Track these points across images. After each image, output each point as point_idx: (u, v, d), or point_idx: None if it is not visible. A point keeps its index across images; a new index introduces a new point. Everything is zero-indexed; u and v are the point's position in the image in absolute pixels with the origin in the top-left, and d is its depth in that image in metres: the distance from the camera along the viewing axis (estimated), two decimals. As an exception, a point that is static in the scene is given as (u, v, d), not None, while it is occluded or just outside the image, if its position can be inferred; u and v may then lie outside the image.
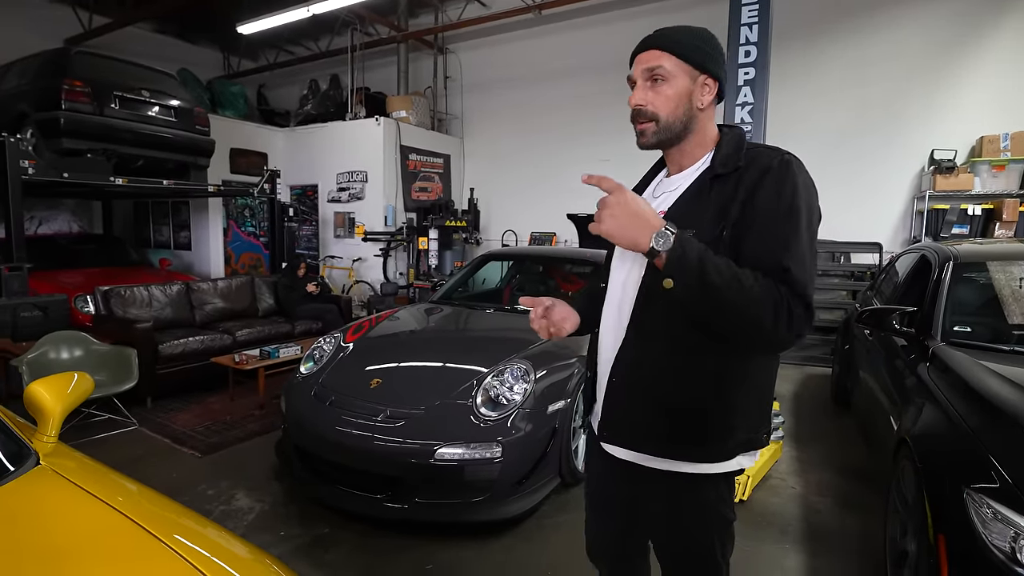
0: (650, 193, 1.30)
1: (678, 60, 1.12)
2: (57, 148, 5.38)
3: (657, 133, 1.15)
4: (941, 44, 5.95)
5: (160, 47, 9.54)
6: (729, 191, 1.09)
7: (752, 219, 1.05)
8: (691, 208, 1.13)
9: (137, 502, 1.50)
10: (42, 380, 1.73)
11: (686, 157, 1.20)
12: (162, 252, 8.50)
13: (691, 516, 1.22)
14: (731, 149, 1.14)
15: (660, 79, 1.13)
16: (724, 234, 1.06)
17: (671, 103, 1.13)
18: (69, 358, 3.83)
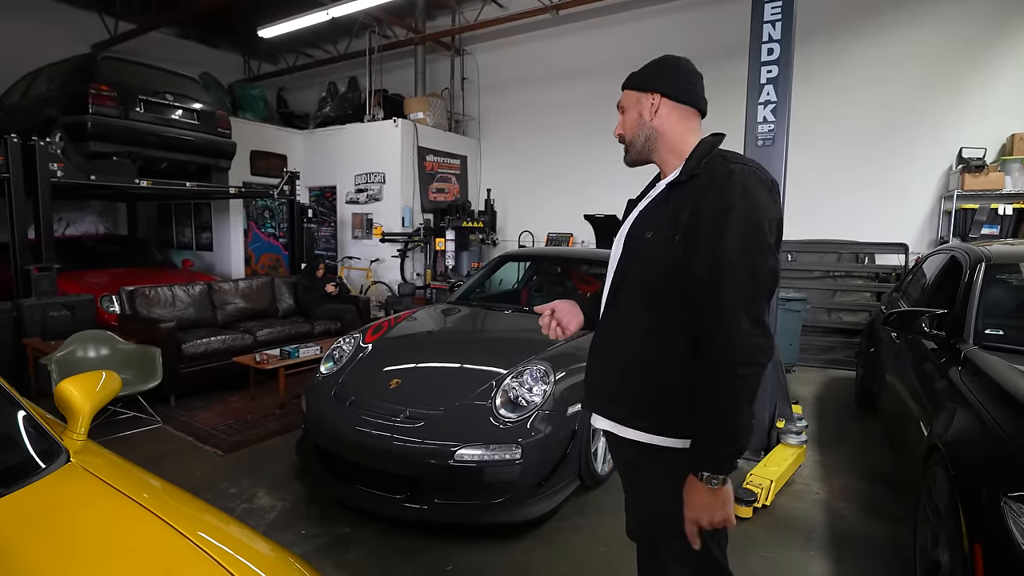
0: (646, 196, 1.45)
1: (629, 91, 1.37)
2: (84, 151, 5.51)
3: (628, 151, 1.38)
4: (967, 41, 5.79)
5: (183, 51, 9.72)
6: (682, 198, 1.23)
7: (696, 224, 1.17)
8: (652, 214, 1.31)
9: (163, 499, 1.52)
10: (71, 379, 1.77)
11: (665, 166, 1.36)
12: (185, 253, 8.66)
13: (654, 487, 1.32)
14: (695, 160, 1.25)
15: (621, 110, 1.38)
16: (676, 239, 1.20)
17: (629, 125, 1.36)
18: (96, 356, 3.91)
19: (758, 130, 3.35)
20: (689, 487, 1.16)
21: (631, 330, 1.29)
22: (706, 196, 1.17)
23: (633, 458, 1.36)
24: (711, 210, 1.15)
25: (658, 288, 1.24)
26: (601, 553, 2.45)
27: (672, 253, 1.20)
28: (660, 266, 1.23)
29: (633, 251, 1.31)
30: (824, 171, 6.40)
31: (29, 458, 1.46)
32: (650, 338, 1.26)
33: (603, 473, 3.07)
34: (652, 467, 1.30)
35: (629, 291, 1.30)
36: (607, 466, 3.13)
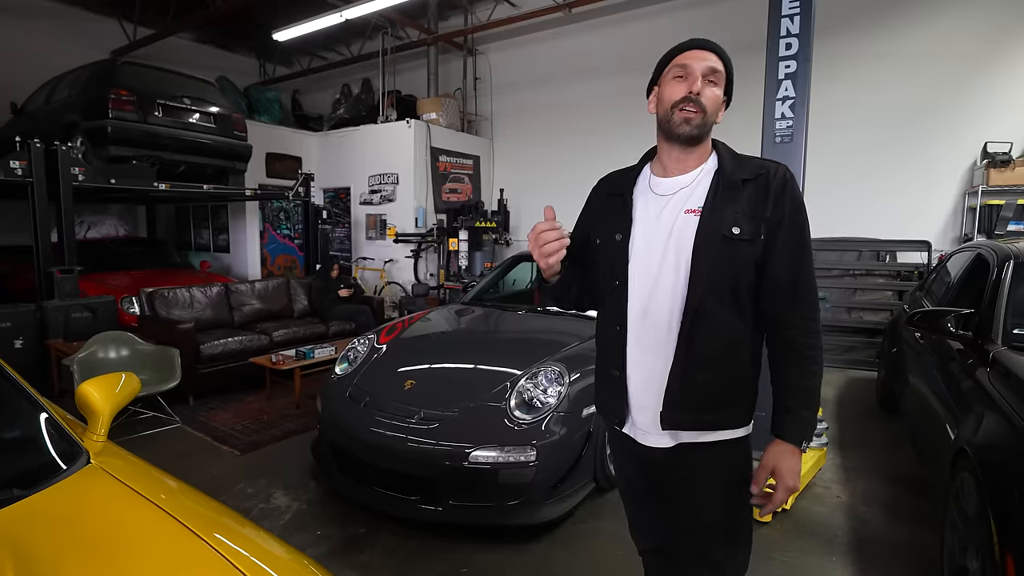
0: (646, 189, 1.34)
1: (725, 75, 1.26)
2: (104, 155, 5.61)
3: (700, 126, 1.23)
4: (991, 31, 5.64)
5: (200, 56, 9.86)
6: (758, 195, 1.23)
7: (780, 224, 1.22)
8: (727, 205, 1.23)
9: (180, 501, 1.52)
10: (92, 380, 1.79)
11: (693, 159, 1.29)
12: (202, 254, 8.78)
13: (735, 478, 1.32)
14: (732, 157, 1.29)
15: (715, 82, 1.24)
16: (761, 236, 1.22)
17: (715, 104, 1.25)
18: (116, 357, 3.97)
19: (776, 127, 3.29)
20: (789, 457, 1.24)
21: (722, 332, 1.24)
22: (784, 197, 1.23)
23: (702, 463, 1.31)
24: (793, 212, 1.23)
25: (742, 285, 1.24)
26: (619, 557, 2.42)
27: (753, 250, 1.22)
28: (745, 263, 1.22)
29: (714, 248, 1.21)
30: (843, 167, 6.28)
31: (51, 460, 1.48)
32: (740, 338, 1.26)
33: (618, 475, 3.04)
34: (724, 463, 1.31)
35: (714, 292, 1.22)
36: (623, 468, 3.10)
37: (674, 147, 1.28)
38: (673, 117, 1.23)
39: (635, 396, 1.33)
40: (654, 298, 1.27)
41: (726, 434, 1.29)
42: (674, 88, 1.24)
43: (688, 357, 1.24)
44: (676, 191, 1.29)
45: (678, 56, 1.26)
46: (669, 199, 1.29)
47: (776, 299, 1.24)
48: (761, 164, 1.26)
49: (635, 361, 1.31)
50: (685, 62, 1.24)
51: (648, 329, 1.29)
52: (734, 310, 1.24)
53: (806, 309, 1.25)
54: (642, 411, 1.32)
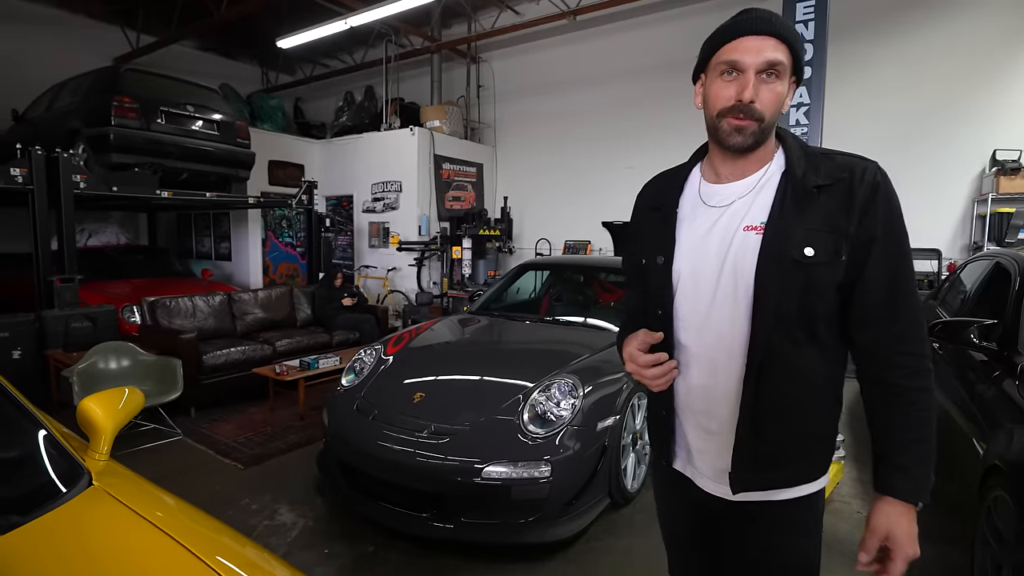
0: (696, 198, 1.13)
1: (789, 55, 1.00)
2: (107, 163, 5.56)
3: (756, 135, 1.01)
4: (1002, 39, 5.62)
5: (203, 63, 9.85)
6: (838, 204, 1.00)
7: (872, 240, 1.00)
8: (797, 221, 1.00)
9: (186, 525, 1.46)
10: (94, 396, 1.72)
11: (752, 163, 1.07)
12: (204, 263, 8.72)
13: (803, 536, 1.15)
14: (803, 154, 1.06)
15: (775, 76, 0.99)
16: (843, 257, 1.00)
17: (776, 104, 1.01)
18: (117, 368, 3.90)
19: (790, 134, 3.25)
20: (904, 519, 1.02)
21: (793, 373, 1.04)
22: (876, 206, 1.00)
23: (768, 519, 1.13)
24: (889, 223, 1.01)
25: (818, 315, 1.02)
26: (634, 575, 2.34)
27: (833, 273, 1.00)
28: (821, 289, 1.01)
29: (783, 274, 1.00)
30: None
31: (51, 482, 1.41)
32: (820, 380, 1.06)
33: (633, 490, 2.97)
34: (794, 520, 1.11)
35: (783, 325, 1.02)
36: (637, 483, 3.02)
37: (727, 154, 1.07)
38: (722, 125, 1.03)
39: (690, 439, 1.17)
40: (706, 334, 1.08)
41: (801, 490, 1.10)
42: (721, 89, 1.01)
43: (756, 408, 1.04)
44: (731, 202, 1.07)
45: (727, 45, 1.00)
46: (723, 212, 1.07)
47: (872, 331, 1.02)
48: (844, 164, 1.02)
49: (686, 404, 1.14)
50: (734, 56, 0.99)
51: (699, 370, 1.10)
52: (810, 348, 1.03)
53: (912, 345, 1.01)
54: (702, 456, 1.16)
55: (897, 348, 1.01)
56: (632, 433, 2.96)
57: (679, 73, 7.54)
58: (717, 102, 1.02)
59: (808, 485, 1.10)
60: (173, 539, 1.29)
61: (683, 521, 1.29)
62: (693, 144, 1.20)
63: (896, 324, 1.01)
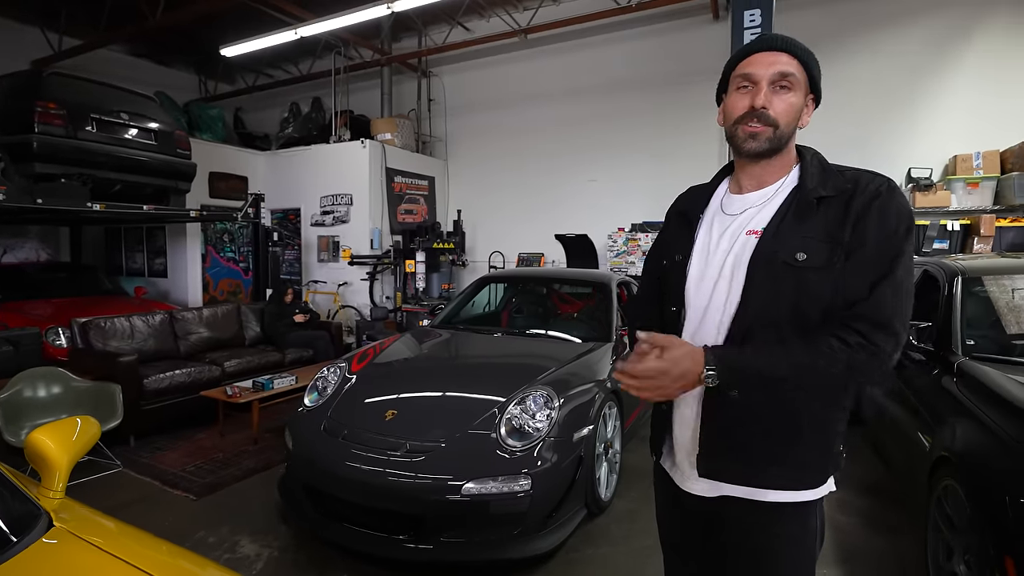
0: (717, 207, 1.22)
1: (803, 71, 1.09)
2: (28, 172, 5.11)
3: (771, 140, 1.09)
4: (914, 67, 6.20)
5: (133, 70, 9.28)
6: (836, 215, 1.06)
7: (862, 245, 1.03)
8: (795, 228, 1.07)
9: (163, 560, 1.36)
10: (44, 428, 1.58)
11: (770, 174, 1.15)
12: (136, 280, 8.14)
13: (795, 547, 1.14)
14: (820, 169, 1.12)
15: (787, 87, 1.08)
16: (837, 263, 1.03)
17: (790, 114, 1.09)
18: (47, 396, 3.56)
19: (741, 151, 3.44)
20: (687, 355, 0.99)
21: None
22: (870, 214, 1.03)
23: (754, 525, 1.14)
24: (881, 231, 1.02)
25: (808, 321, 1.04)
26: (617, 585, 2.36)
27: (827, 279, 1.03)
28: (813, 294, 1.04)
29: (771, 276, 1.06)
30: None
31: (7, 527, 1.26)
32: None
33: (606, 499, 3.00)
34: (781, 530, 1.12)
35: (766, 326, 1.06)
36: (609, 491, 3.06)
37: (746, 163, 1.15)
38: (738, 132, 1.10)
39: (676, 432, 1.22)
40: (701, 327, 1.15)
41: (784, 495, 1.10)
42: (737, 101, 1.10)
43: (723, 397, 1.07)
44: (745, 210, 1.15)
45: (742, 62, 1.10)
46: (735, 219, 1.15)
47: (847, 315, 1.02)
48: (853, 176, 1.08)
49: (680, 399, 1.18)
50: (749, 70, 1.09)
51: None
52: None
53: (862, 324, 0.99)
54: (681, 450, 1.22)
55: (850, 325, 0.99)
56: (604, 442, 3.00)
57: (628, 92, 7.90)
58: (734, 112, 1.11)
59: (795, 492, 1.10)
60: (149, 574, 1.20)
61: (675, 525, 1.33)
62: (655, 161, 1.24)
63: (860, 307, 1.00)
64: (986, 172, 5.83)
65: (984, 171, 5.84)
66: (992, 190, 5.86)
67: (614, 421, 3.17)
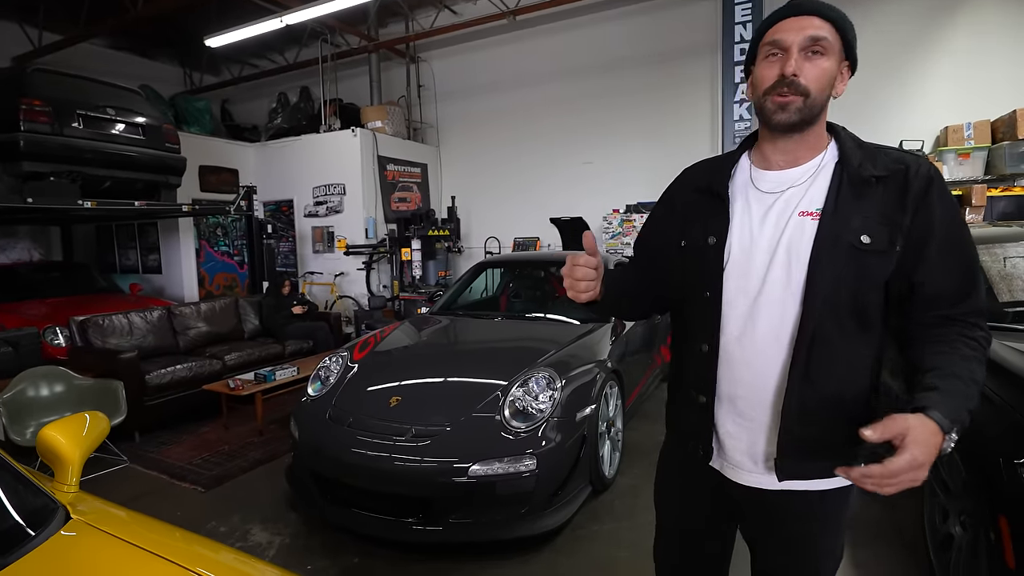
0: (747, 184, 1.12)
1: (836, 35, 1.02)
2: (17, 172, 5.05)
3: (802, 110, 1.01)
4: (905, 38, 6.18)
5: (116, 63, 9.13)
6: (893, 197, 1.01)
7: (930, 232, 0.99)
8: (854, 208, 1.01)
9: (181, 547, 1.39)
10: (54, 425, 1.61)
11: (805, 149, 1.07)
12: (131, 277, 8.11)
13: (834, 524, 1.15)
14: (858, 147, 1.06)
15: (820, 52, 1.00)
16: (898, 247, 1.00)
17: (823, 80, 1.01)
18: (49, 395, 3.57)
19: (735, 128, 3.44)
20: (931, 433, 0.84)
21: (842, 361, 1.03)
22: (931, 200, 0.99)
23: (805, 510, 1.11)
24: (946, 216, 1.00)
25: (867, 305, 1.01)
26: (623, 559, 2.42)
27: (887, 263, 1.00)
28: (874, 278, 1.00)
29: (837, 260, 1.00)
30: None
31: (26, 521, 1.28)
32: (864, 370, 1.05)
33: (609, 476, 3.05)
34: (829, 510, 1.11)
35: (834, 313, 1.01)
36: (612, 469, 3.11)
37: (777, 137, 1.07)
38: (767, 104, 1.02)
39: (726, 428, 1.13)
40: (755, 317, 1.06)
41: (835, 482, 1.08)
42: (766, 70, 1.02)
43: (803, 392, 1.02)
44: (785, 188, 1.06)
45: (771, 29, 1.03)
46: (777, 197, 1.07)
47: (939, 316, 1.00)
48: (899, 157, 1.03)
49: (728, 390, 1.11)
50: (777, 36, 1.01)
51: (747, 354, 1.08)
52: (858, 337, 1.03)
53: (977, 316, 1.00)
54: (736, 446, 1.13)
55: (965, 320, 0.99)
56: (606, 421, 3.05)
57: (619, 71, 7.83)
58: (763, 83, 1.03)
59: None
60: (171, 562, 1.23)
61: (699, 510, 1.26)
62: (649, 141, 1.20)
63: (966, 305, 0.99)
64: (977, 142, 5.85)
65: (975, 141, 5.86)
66: (983, 160, 5.88)
67: (615, 400, 3.22)
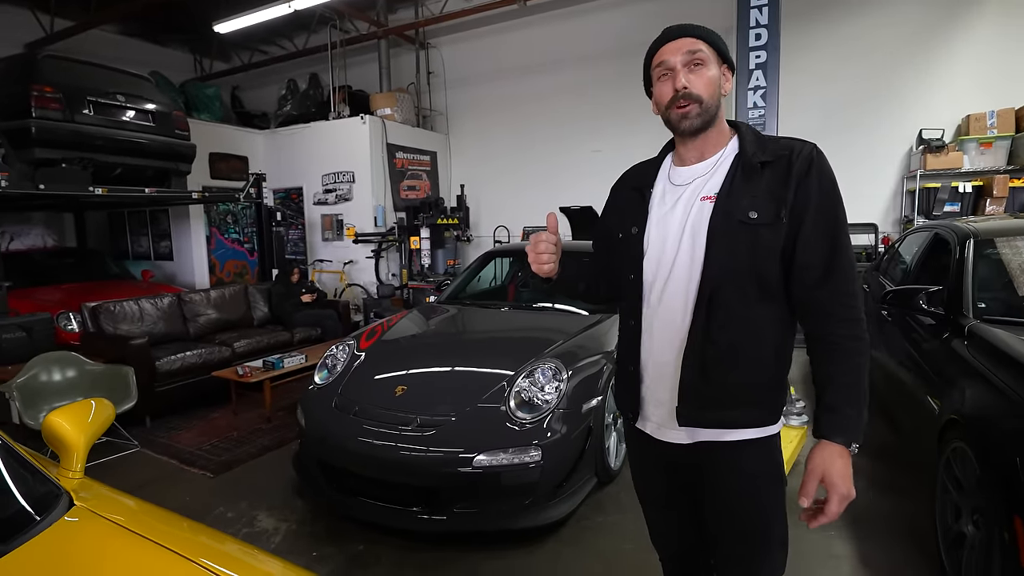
0: (666, 180, 1.32)
1: (710, 48, 1.21)
2: (29, 158, 5.08)
3: (701, 114, 1.19)
4: (925, 25, 6.00)
5: (127, 50, 9.14)
6: (778, 176, 1.17)
7: (806, 205, 1.15)
8: (744, 190, 1.18)
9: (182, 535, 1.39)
10: (60, 411, 1.61)
11: (710, 146, 1.26)
12: (142, 263, 8.19)
13: (764, 479, 1.26)
14: (755, 138, 1.24)
15: (700, 63, 1.19)
16: (783, 219, 1.15)
17: (711, 86, 1.20)
18: (62, 380, 3.61)
19: (748, 116, 3.37)
20: (838, 460, 1.10)
21: (741, 323, 1.18)
22: (810, 177, 1.16)
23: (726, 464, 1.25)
24: (822, 191, 1.16)
25: (765, 273, 1.17)
26: (628, 551, 2.41)
27: (776, 234, 1.15)
28: (766, 248, 1.16)
29: (729, 234, 1.17)
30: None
31: (29, 506, 1.29)
32: (764, 332, 1.20)
33: (616, 468, 3.04)
34: (751, 463, 1.23)
35: (731, 280, 1.17)
36: (619, 460, 3.09)
37: (687, 139, 1.26)
38: (671, 116, 1.22)
39: (649, 390, 1.30)
40: (667, 290, 1.24)
41: (750, 433, 1.23)
42: (662, 88, 1.22)
43: (703, 350, 1.19)
44: (693, 180, 1.25)
45: (656, 55, 1.24)
46: (686, 188, 1.25)
47: (809, 288, 1.16)
48: (787, 144, 1.21)
49: (648, 355, 1.29)
50: (663, 59, 1.21)
51: (661, 321, 1.26)
52: (757, 302, 1.18)
53: (844, 297, 1.15)
54: (658, 406, 1.29)
55: (834, 302, 1.15)
56: (612, 412, 3.02)
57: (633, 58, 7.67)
58: (662, 99, 1.24)
59: (761, 429, 1.23)
60: (171, 551, 1.23)
61: (654, 479, 1.42)
62: (661, 129, 1.32)
63: (832, 281, 1.14)
64: (1000, 131, 5.69)
65: (998, 130, 5.70)
66: (1006, 150, 5.73)
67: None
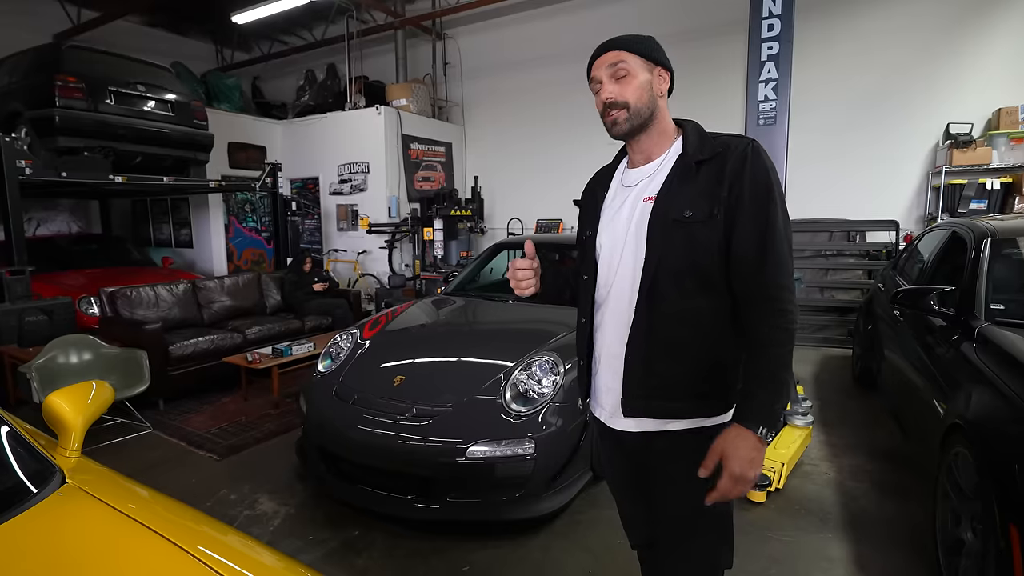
0: (619, 182, 1.37)
1: (635, 56, 1.25)
2: (53, 147, 5.25)
3: (629, 119, 1.25)
4: (952, 16, 5.79)
5: (151, 40, 9.32)
6: (714, 174, 1.20)
7: (739, 201, 1.18)
8: (681, 189, 1.22)
9: (166, 517, 1.42)
10: (60, 392, 1.66)
11: (654, 146, 1.30)
12: (163, 250, 8.39)
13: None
14: (698, 138, 1.27)
15: (624, 73, 1.25)
16: (717, 216, 1.19)
17: (637, 91, 1.25)
18: (78, 362, 3.74)
19: (759, 109, 3.30)
20: (741, 441, 1.13)
21: (682, 317, 1.22)
22: (743, 173, 1.18)
23: (671, 452, 1.29)
24: (754, 187, 1.18)
25: (703, 268, 1.20)
26: (620, 545, 2.39)
27: (712, 231, 1.19)
28: (703, 245, 1.19)
29: (666, 232, 1.21)
30: (814, 149, 6.37)
31: (20, 482, 1.34)
32: (706, 326, 1.23)
33: (613, 463, 3.03)
34: (695, 452, 1.21)
35: (670, 276, 1.21)
36: (617, 455, 3.08)
37: (630, 142, 1.32)
38: (605, 124, 1.29)
39: (601, 381, 1.36)
40: (615, 287, 1.30)
41: (695, 422, 1.26)
42: (596, 100, 1.30)
43: (646, 343, 1.24)
44: (639, 181, 1.30)
45: (589, 72, 1.31)
46: (632, 190, 1.31)
47: (741, 279, 1.19)
48: (724, 141, 1.23)
49: (598, 349, 1.36)
50: (593, 74, 1.30)
51: (609, 317, 1.32)
52: (699, 297, 1.21)
53: (773, 289, 1.17)
54: (608, 394, 1.34)
55: (763, 293, 1.18)
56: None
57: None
58: (598, 109, 1.30)
59: (702, 419, 1.26)
60: (155, 532, 1.26)
61: (617, 467, 1.49)
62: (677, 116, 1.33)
63: (763, 273, 1.17)
64: (1032, 126, 5.47)
65: (1030, 125, 5.48)
66: (1038, 145, 5.51)
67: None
